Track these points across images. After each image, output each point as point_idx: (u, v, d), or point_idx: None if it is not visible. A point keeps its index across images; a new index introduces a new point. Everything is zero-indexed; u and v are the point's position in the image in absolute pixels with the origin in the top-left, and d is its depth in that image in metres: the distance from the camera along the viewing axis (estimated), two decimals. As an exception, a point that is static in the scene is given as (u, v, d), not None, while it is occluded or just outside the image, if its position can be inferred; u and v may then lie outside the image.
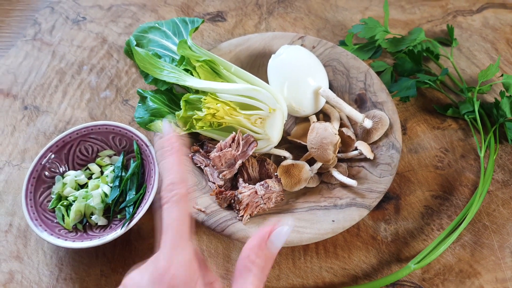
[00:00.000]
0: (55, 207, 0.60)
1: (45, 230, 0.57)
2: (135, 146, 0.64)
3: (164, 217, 0.39)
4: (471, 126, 0.69)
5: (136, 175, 0.62)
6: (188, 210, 0.40)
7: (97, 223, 0.60)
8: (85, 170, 0.65)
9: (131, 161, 0.64)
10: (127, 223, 0.57)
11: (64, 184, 0.62)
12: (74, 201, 0.60)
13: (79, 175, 0.63)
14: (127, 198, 0.60)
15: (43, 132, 0.73)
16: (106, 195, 0.61)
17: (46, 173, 0.62)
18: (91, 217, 0.60)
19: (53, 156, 0.63)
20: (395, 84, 0.72)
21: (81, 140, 0.65)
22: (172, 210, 0.39)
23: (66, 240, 0.56)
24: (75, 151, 0.65)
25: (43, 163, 0.62)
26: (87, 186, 0.63)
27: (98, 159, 0.66)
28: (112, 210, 0.61)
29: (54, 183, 0.63)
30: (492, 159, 0.64)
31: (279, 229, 0.41)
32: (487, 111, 0.70)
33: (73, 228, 0.60)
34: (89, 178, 0.64)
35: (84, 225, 0.60)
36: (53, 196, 0.61)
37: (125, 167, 0.64)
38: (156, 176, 0.60)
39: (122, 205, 0.60)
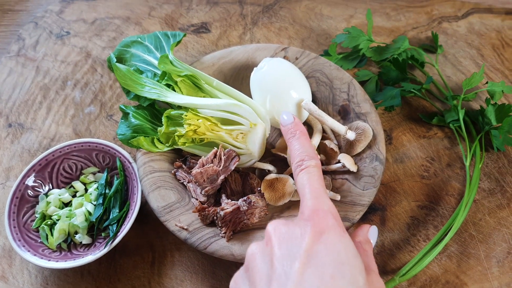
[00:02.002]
0: (39, 226, 0.60)
1: (28, 251, 0.56)
2: (118, 163, 0.63)
3: (298, 184, 0.45)
4: (456, 134, 0.68)
5: (119, 193, 0.62)
6: (320, 176, 0.45)
7: (81, 242, 0.60)
8: (69, 188, 0.65)
9: (115, 178, 0.64)
10: (111, 241, 0.57)
11: (48, 203, 0.62)
12: (58, 220, 0.60)
13: (63, 194, 0.63)
14: (111, 216, 0.60)
15: (27, 149, 0.73)
16: (90, 213, 0.61)
17: (30, 192, 0.62)
18: (75, 236, 0.60)
19: (36, 175, 0.63)
20: (380, 94, 0.72)
21: (64, 158, 0.64)
22: (304, 177, 0.45)
23: (49, 260, 0.56)
24: (59, 169, 0.65)
25: (26, 182, 0.62)
26: (72, 204, 0.62)
27: (82, 177, 0.65)
28: (96, 228, 0.60)
29: (38, 202, 0.62)
30: (478, 168, 0.63)
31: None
32: (472, 119, 0.70)
33: (57, 248, 0.59)
34: (74, 196, 0.64)
35: (69, 244, 0.60)
36: (37, 216, 0.61)
37: (109, 184, 0.64)
38: (139, 193, 0.60)
39: (106, 223, 0.60)
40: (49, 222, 0.60)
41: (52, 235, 0.59)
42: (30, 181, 0.62)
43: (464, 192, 0.64)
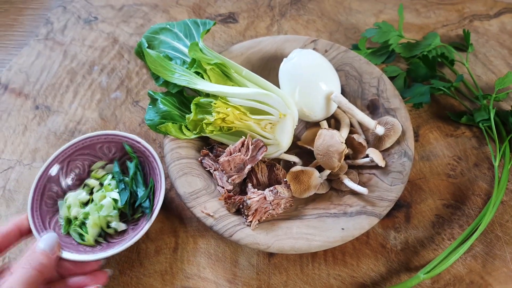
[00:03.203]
0: (69, 231, 0.59)
1: (71, 253, 0.54)
2: (126, 147, 0.63)
3: None
4: (485, 134, 0.67)
5: (139, 173, 0.62)
6: None
7: (116, 230, 0.59)
8: (84, 187, 0.63)
9: (127, 163, 0.63)
10: (150, 216, 0.57)
11: (69, 206, 0.60)
12: (85, 218, 0.59)
13: (80, 194, 0.61)
14: (139, 195, 0.60)
15: (53, 132, 0.73)
16: (116, 201, 0.60)
17: (48, 201, 0.60)
18: (108, 227, 0.59)
19: (49, 185, 0.61)
20: (408, 90, 0.71)
21: (69, 160, 0.62)
22: None
23: (96, 252, 0.55)
24: (67, 172, 0.63)
25: (41, 194, 0.60)
26: (91, 201, 0.61)
27: (92, 173, 0.64)
28: (128, 213, 0.60)
29: (58, 210, 0.60)
30: (507, 169, 0.62)
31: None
32: (502, 119, 0.68)
33: (96, 243, 0.58)
34: (90, 193, 0.62)
35: (104, 236, 0.59)
36: (62, 222, 0.59)
37: (122, 171, 0.63)
38: (159, 167, 0.60)
39: (137, 203, 0.59)
40: (77, 223, 0.59)
41: (86, 233, 0.58)
42: (46, 193, 0.60)
43: (491, 192, 0.63)
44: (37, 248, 0.51)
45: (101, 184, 0.63)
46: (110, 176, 0.63)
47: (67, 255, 0.54)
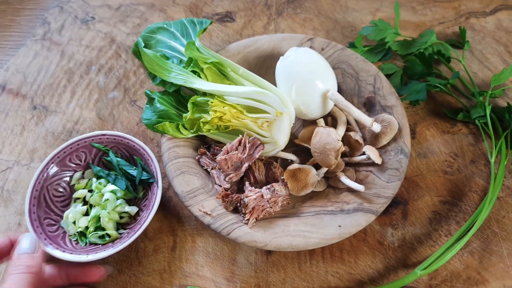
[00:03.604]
0: (87, 242, 0.59)
1: (104, 250, 0.55)
2: (95, 145, 0.63)
3: None
4: (482, 131, 0.68)
5: (121, 159, 0.63)
6: None
7: (130, 216, 0.60)
8: (75, 201, 0.62)
9: (104, 159, 0.64)
10: (154, 180, 0.59)
11: (74, 222, 0.60)
12: (96, 222, 0.59)
13: (76, 207, 0.61)
14: (135, 175, 0.61)
15: (51, 132, 0.73)
16: (115, 192, 0.61)
17: (49, 228, 0.59)
18: (121, 218, 0.60)
19: (36, 209, 0.59)
20: (405, 88, 0.71)
21: (48, 185, 0.61)
22: None
23: (124, 240, 0.55)
24: (50, 197, 0.61)
25: (36, 227, 0.58)
26: (90, 208, 0.61)
27: (76, 186, 0.63)
28: (133, 194, 0.61)
29: (64, 231, 0.59)
30: (503, 165, 0.63)
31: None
32: (499, 116, 0.69)
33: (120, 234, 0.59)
34: (84, 204, 0.62)
35: (122, 227, 0.60)
36: (74, 238, 0.59)
37: (103, 169, 0.63)
38: (138, 142, 0.62)
39: (137, 179, 0.60)
40: (92, 229, 0.59)
41: (106, 230, 0.58)
42: (35, 222, 0.58)
43: (487, 189, 0.64)
44: (18, 252, 0.50)
45: (90, 191, 0.62)
46: (94, 179, 0.63)
47: (101, 254, 0.54)
